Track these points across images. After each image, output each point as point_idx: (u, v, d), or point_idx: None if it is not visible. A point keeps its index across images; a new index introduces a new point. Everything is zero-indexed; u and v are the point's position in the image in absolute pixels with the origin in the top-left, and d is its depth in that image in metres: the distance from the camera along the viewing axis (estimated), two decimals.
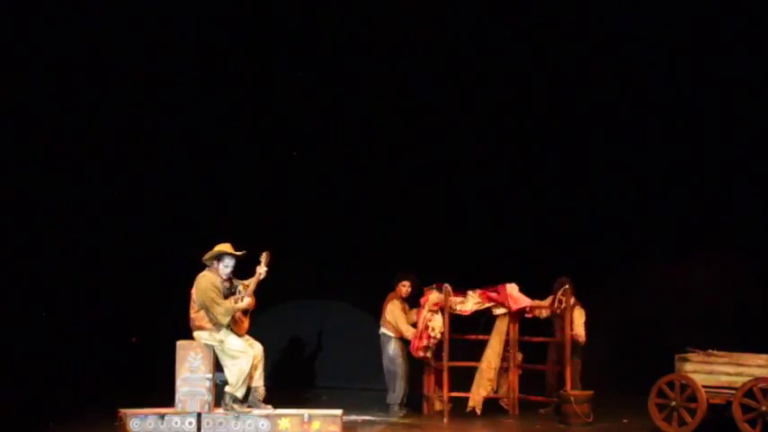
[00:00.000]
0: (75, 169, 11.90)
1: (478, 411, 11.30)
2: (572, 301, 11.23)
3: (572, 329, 11.16)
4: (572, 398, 10.83)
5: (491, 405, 11.50)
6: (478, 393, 11.39)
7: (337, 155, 13.35)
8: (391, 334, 11.63)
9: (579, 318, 11.36)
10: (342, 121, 13.38)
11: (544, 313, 11.57)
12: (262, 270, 9.86)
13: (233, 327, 9.77)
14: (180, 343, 9.83)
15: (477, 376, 11.42)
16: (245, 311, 9.89)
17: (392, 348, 11.64)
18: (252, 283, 9.88)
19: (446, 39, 13.02)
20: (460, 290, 11.50)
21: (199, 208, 13.00)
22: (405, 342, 11.61)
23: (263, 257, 9.89)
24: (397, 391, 11.64)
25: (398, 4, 12.78)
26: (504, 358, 11.40)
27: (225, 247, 9.83)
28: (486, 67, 13.07)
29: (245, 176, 13.33)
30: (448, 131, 13.32)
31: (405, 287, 11.71)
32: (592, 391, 10.97)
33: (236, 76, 13.25)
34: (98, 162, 12.21)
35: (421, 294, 11.54)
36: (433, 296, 11.32)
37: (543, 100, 13.16)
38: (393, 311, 11.63)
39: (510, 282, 11.32)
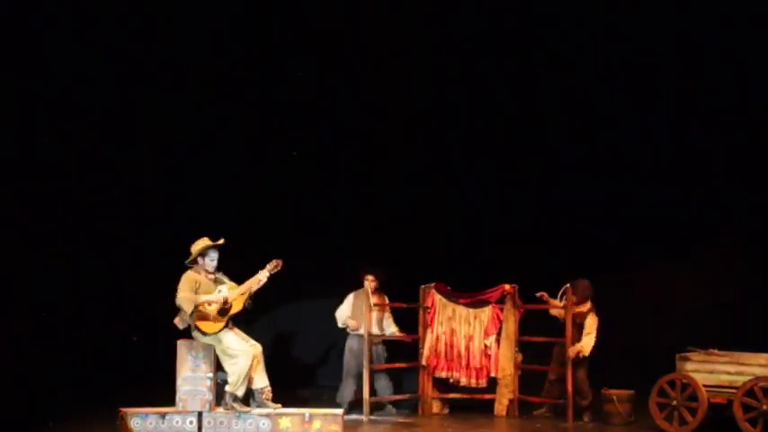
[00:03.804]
0: (76, 168, 11.88)
1: (504, 414, 11.33)
2: (572, 301, 11.07)
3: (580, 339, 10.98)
4: (614, 397, 10.78)
5: (490, 406, 11.53)
6: (501, 402, 11.42)
7: (337, 153, 13.35)
8: (344, 325, 11.56)
9: (591, 326, 11.08)
10: (341, 120, 13.39)
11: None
12: (262, 277, 9.67)
13: (198, 324, 9.61)
14: (180, 342, 9.84)
15: (497, 386, 11.46)
16: (221, 312, 9.62)
17: (346, 344, 11.55)
18: (245, 284, 9.67)
19: (444, 38, 13.02)
20: (459, 290, 11.63)
21: (199, 208, 12.98)
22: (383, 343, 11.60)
23: (271, 264, 9.69)
24: (341, 390, 11.46)
25: (399, 4, 12.80)
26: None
27: (206, 241, 9.74)
28: (481, 67, 13.08)
29: (245, 177, 13.32)
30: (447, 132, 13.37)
31: (369, 281, 11.44)
32: (634, 390, 10.87)
33: (236, 75, 13.25)
34: (98, 161, 12.20)
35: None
36: None
37: (541, 99, 13.17)
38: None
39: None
